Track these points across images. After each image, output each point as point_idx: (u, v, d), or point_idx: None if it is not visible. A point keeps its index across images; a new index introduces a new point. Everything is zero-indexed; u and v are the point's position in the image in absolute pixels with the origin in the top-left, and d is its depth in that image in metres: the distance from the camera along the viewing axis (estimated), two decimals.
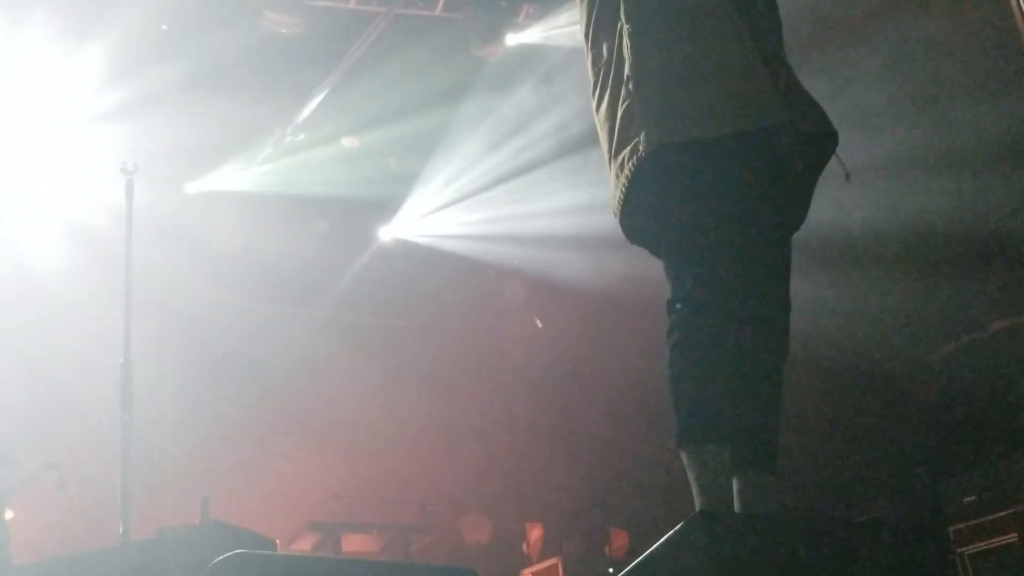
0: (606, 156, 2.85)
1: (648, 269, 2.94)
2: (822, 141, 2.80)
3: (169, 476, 7.21)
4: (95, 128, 7.57)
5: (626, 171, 2.72)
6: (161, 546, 4.17)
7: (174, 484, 7.11)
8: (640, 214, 2.80)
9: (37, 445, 6.92)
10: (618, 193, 2.78)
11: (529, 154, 8.71)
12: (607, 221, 2.94)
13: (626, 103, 2.76)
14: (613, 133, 2.79)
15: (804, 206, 2.87)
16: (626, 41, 2.80)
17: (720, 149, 2.67)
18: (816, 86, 2.93)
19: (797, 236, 2.89)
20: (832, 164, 2.84)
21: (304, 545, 7.50)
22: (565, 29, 7.66)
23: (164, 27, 7.19)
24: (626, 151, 2.73)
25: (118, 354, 4.13)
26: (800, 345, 2.92)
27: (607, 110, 2.83)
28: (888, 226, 6.85)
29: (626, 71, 2.78)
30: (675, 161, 2.68)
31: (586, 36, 2.99)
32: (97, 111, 7.50)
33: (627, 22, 2.81)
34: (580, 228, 8.45)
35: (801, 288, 2.89)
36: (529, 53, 8.09)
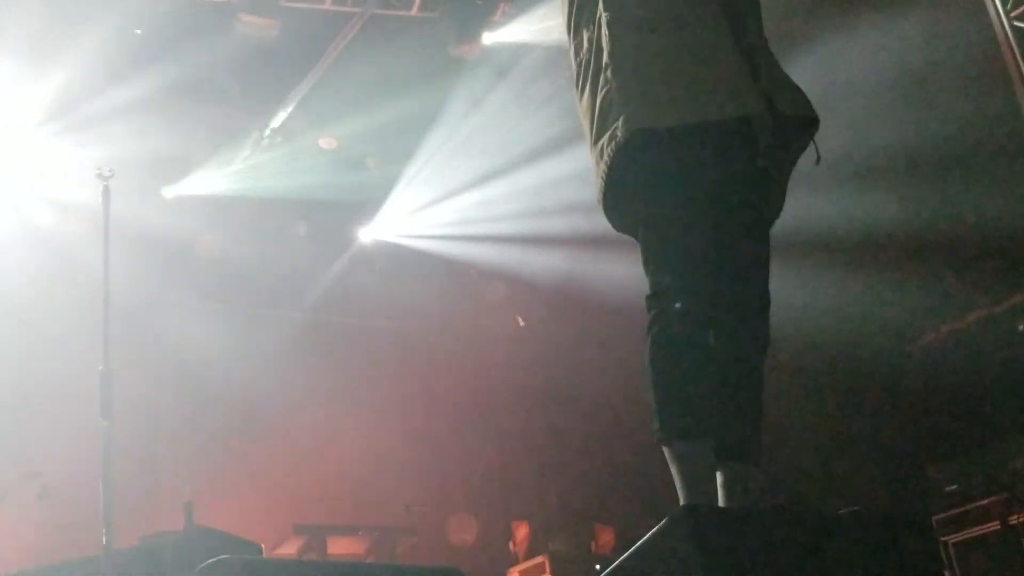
0: (588, 145, 2.86)
1: (629, 266, 2.94)
2: (804, 126, 2.80)
3: (152, 483, 7.17)
4: (71, 134, 7.51)
5: (605, 158, 2.74)
6: (145, 553, 4.13)
7: (157, 490, 7.06)
8: (622, 201, 2.80)
9: (17, 455, 6.86)
10: (600, 181, 2.79)
11: (510, 152, 8.71)
12: (588, 220, 2.95)
13: (605, 90, 2.77)
14: (593, 121, 2.80)
15: (781, 195, 2.88)
16: (604, 30, 2.81)
17: (698, 136, 2.68)
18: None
19: (775, 233, 2.89)
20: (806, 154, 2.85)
21: (289, 549, 7.46)
22: (542, 27, 7.65)
23: (138, 31, 7.13)
24: (605, 137, 2.74)
25: (97, 361, 4.10)
26: (782, 340, 2.93)
27: (588, 99, 2.84)
28: (865, 224, 6.89)
29: (604, 59, 2.79)
30: (653, 147, 2.68)
31: (568, 28, 3.00)
32: (73, 117, 7.44)
33: (605, 10, 2.82)
34: (561, 226, 8.46)
35: (781, 286, 2.90)
36: (507, 52, 8.08)
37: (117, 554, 3.79)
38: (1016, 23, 6.01)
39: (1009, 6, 6.04)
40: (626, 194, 2.78)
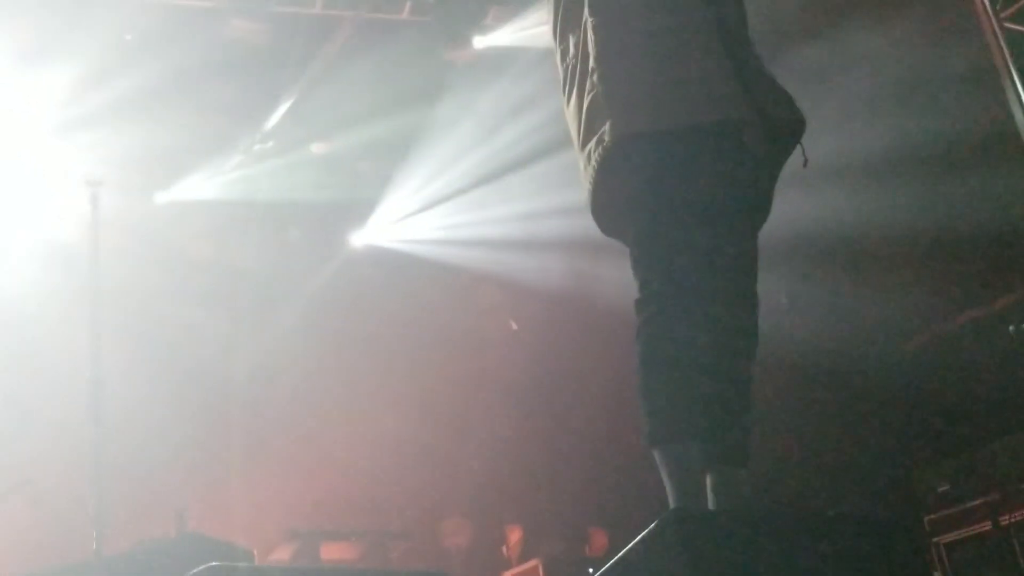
0: (576, 150, 2.86)
1: (621, 270, 2.95)
2: (791, 128, 2.81)
3: (144, 489, 7.14)
4: (60, 140, 7.50)
5: (593, 162, 2.75)
6: (136, 560, 4.14)
7: (149, 497, 7.04)
8: (610, 206, 2.81)
9: (9, 462, 6.85)
10: (587, 185, 2.80)
11: (501, 157, 8.71)
12: (579, 223, 2.96)
13: (591, 95, 2.77)
14: (580, 126, 2.81)
15: (769, 199, 2.89)
16: (590, 34, 2.81)
17: (684, 140, 2.68)
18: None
19: (765, 235, 2.90)
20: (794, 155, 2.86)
21: (282, 555, 7.45)
22: (533, 30, 7.66)
23: (128, 37, 7.12)
24: (592, 142, 2.75)
25: (87, 368, 4.09)
26: (770, 342, 2.94)
27: (575, 104, 2.85)
28: (855, 225, 6.91)
29: (591, 64, 2.79)
30: (640, 151, 2.69)
31: (554, 33, 3.02)
32: (62, 123, 7.43)
33: (591, 15, 2.83)
34: (552, 230, 8.46)
35: (770, 288, 2.91)
36: (499, 55, 8.08)
37: (108, 560, 3.78)
38: (1006, 24, 6.03)
39: (999, 7, 6.06)
40: (614, 198, 2.78)
